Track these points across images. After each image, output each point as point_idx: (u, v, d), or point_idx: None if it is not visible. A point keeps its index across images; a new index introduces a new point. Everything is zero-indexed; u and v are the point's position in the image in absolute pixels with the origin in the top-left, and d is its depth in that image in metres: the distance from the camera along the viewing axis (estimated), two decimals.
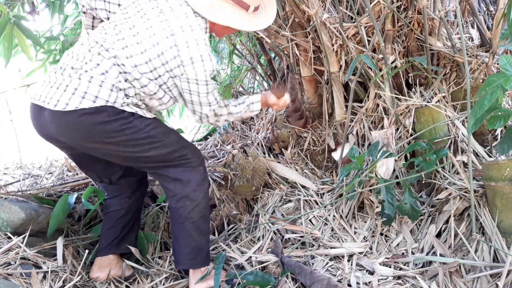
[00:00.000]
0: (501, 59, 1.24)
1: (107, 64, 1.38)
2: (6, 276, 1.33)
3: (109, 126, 1.36)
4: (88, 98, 1.33)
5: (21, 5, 2.49)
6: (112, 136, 1.38)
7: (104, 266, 1.64)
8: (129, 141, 1.42)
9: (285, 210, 2.00)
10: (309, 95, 2.31)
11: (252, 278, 1.56)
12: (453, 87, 2.03)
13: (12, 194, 1.88)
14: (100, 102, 1.34)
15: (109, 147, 1.42)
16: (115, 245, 1.69)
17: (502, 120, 1.28)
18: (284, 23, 2.19)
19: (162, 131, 1.49)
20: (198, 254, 1.60)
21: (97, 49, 1.39)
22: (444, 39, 2.06)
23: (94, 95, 1.33)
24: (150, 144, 1.45)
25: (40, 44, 2.17)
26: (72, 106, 1.32)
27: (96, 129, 1.36)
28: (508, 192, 1.46)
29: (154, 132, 1.45)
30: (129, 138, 1.41)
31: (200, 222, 1.59)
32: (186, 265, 1.61)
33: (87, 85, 1.34)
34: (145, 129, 1.43)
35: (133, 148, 1.44)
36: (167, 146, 1.50)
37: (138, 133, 1.42)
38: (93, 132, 1.37)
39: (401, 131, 1.96)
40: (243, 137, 2.64)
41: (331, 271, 1.61)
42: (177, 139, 1.55)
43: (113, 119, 1.36)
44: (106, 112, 1.35)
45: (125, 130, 1.39)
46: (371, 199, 1.89)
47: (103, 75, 1.36)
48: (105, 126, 1.36)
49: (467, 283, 1.44)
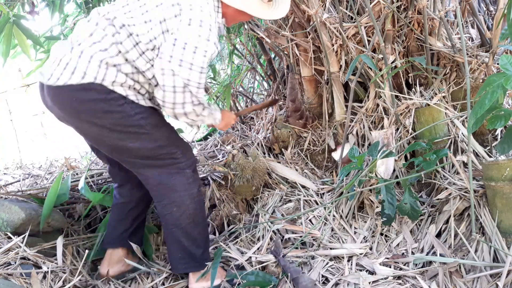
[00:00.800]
0: (501, 59, 1.24)
1: (99, 35, 1.33)
2: (6, 276, 1.33)
3: (98, 106, 1.33)
4: (77, 74, 1.30)
5: (21, 5, 2.49)
6: (99, 116, 1.35)
7: (114, 262, 1.65)
8: (115, 126, 1.36)
9: (285, 210, 2.00)
10: (309, 95, 2.31)
11: (253, 278, 1.56)
12: (453, 87, 2.03)
13: (12, 194, 1.88)
14: (88, 78, 1.30)
15: (96, 129, 1.38)
16: (125, 238, 1.68)
17: (502, 120, 1.28)
18: (284, 23, 2.19)
19: (153, 123, 1.43)
20: (191, 258, 1.57)
21: (99, 21, 1.36)
22: (444, 39, 2.06)
23: (83, 71, 1.30)
24: (136, 134, 1.39)
25: (40, 43, 2.17)
26: (62, 81, 1.30)
27: (84, 107, 1.33)
28: (508, 192, 1.46)
29: (144, 122, 1.39)
30: (116, 122, 1.36)
31: (189, 228, 1.53)
32: (180, 270, 1.60)
33: (77, 60, 1.31)
34: (134, 116, 1.37)
35: (118, 135, 1.38)
36: (154, 140, 1.42)
37: (125, 119, 1.36)
38: (81, 109, 1.34)
39: (401, 131, 1.96)
40: (243, 137, 2.63)
41: (331, 271, 1.61)
42: (168, 135, 1.48)
43: (101, 98, 1.32)
44: (95, 90, 1.31)
45: (113, 113, 1.34)
46: (371, 199, 1.89)
47: (92, 48, 1.32)
48: (94, 104, 1.32)
49: (467, 283, 1.44)
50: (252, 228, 1.94)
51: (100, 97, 1.32)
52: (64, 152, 2.77)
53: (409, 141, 1.95)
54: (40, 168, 2.81)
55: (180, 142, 1.54)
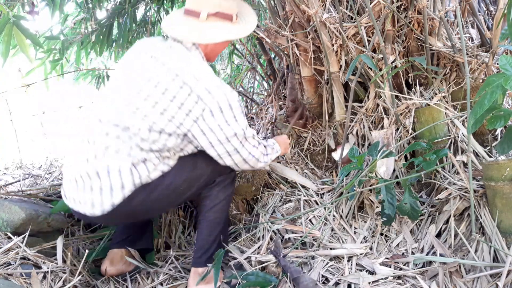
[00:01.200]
0: (501, 59, 1.24)
1: (116, 144, 1.37)
2: (6, 276, 1.33)
3: (148, 199, 1.41)
4: (116, 192, 1.35)
5: (21, 5, 2.49)
6: (150, 205, 1.44)
7: (116, 261, 1.67)
8: (164, 197, 1.46)
9: (285, 210, 2.00)
10: (309, 95, 2.30)
11: (254, 278, 1.56)
12: (453, 87, 2.03)
13: (12, 194, 1.88)
14: (128, 188, 1.36)
15: (148, 214, 1.53)
16: (133, 240, 1.73)
17: (502, 120, 1.28)
18: (284, 23, 2.18)
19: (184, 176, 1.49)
20: (204, 253, 1.62)
21: (108, 130, 1.39)
22: (444, 39, 2.06)
23: (120, 186, 1.35)
24: (184, 190, 1.50)
25: (39, 44, 2.17)
26: (107, 206, 1.35)
27: (136, 208, 1.41)
28: (508, 192, 1.46)
29: (179, 179, 1.47)
30: (163, 194, 1.45)
31: (214, 223, 1.63)
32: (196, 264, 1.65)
33: (108, 180, 1.34)
34: (174, 182, 1.45)
35: (167, 203, 1.53)
36: (195, 183, 1.53)
37: (169, 188, 1.45)
38: (133, 211, 1.42)
39: (401, 131, 1.96)
40: None
41: (331, 271, 1.61)
42: (205, 165, 1.53)
43: (147, 193, 1.40)
44: (139, 192, 1.38)
45: (160, 192, 1.43)
46: (371, 199, 1.89)
47: (116, 160, 1.35)
48: (143, 202, 1.41)
49: (467, 283, 1.44)
50: (252, 228, 1.94)
51: (146, 194, 1.40)
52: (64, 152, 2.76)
53: (409, 141, 1.95)
54: (40, 168, 2.81)
55: (207, 164, 1.55)
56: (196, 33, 1.43)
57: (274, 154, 1.67)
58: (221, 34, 1.45)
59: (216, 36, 1.44)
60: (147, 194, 1.41)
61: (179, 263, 1.82)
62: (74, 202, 1.42)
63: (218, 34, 1.45)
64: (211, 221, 1.62)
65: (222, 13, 1.45)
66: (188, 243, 2.01)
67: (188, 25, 1.44)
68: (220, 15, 1.45)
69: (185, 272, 1.76)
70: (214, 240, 1.63)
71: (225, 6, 1.46)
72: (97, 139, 1.39)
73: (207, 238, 1.62)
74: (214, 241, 1.63)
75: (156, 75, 1.38)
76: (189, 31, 1.44)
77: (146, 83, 1.37)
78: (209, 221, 1.62)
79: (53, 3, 2.61)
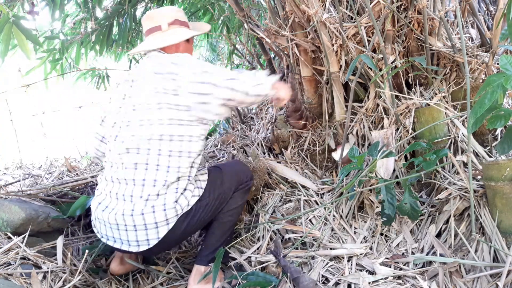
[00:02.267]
0: (501, 59, 1.24)
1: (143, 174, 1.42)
2: (6, 276, 1.33)
3: (192, 222, 1.50)
4: (161, 225, 1.40)
5: (21, 5, 2.49)
6: (192, 226, 1.52)
7: (125, 261, 1.70)
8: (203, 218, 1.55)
9: (285, 210, 2.00)
10: (309, 95, 2.30)
11: (254, 278, 1.56)
12: (453, 87, 2.03)
13: (12, 194, 1.88)
14: (172, 220, 1.42)
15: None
16: None
17: (502, 120, 1.28)
18: (284, 23, 2.18)
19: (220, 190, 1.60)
20: (210, 253, 1.65)
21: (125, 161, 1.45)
22: (444, 39, 2.06)
23: (164, 219, 1.41)
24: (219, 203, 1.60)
25: (39, 43, 2.17)
26: (153, 241, 1.41)
27: (181, 236, 1.51)
28: (508, 192, 1.46)
29: (215, 195, 1.57)
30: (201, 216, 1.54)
31: (227, 225, 1.67)
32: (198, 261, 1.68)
33: (151, 211, 1.39)
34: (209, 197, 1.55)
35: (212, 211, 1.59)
36: (228, 194, 1.63)
37: (207, 210, 1.55)
38: (179, 239, 1.53)
39: (401, 131, 1.96)
40: (243, 137, 2.63)
41: (331, 271, 1.61)
42: (230, 177, 1.65)
43: (191, 217, 1.49)
44: (181, 221, 1.46)
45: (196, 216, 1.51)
46: (371, 199, 1.89)
47: (158, 196, 1.41)
48: (186, 230, 1.49)
49: (467, 283, 1.44)
50: (252, 228, 1.94)
51: (188, 220, 1.49)
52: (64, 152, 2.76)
53: (409, 141, 1.95)
54: (40, 168, 2.81)
55: (231, 176, 1.67)
56: (160, 40, 1.61)
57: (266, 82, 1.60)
58: (185, 33, 1.65)
59: (181, 35, 1.64)
60: (189, 221, 1.49)
61: (179, 263, 1.82)
62: (110, 239, 1.47)
63: (182, 33, 1.64)
64: (224, 223, 1.65)
65: (179, 20, 1.67)
66: (189, 243, 2.01)
67: (153, 38, 1.63)
68: (178, 22, 1.66)
69: (186, 273, 1.76)
70: (222, 242, 1.67)
71: (180, 16, 1.68)
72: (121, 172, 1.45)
73: (219, 239, 1.65)
74: (222, 242, 1.67)
75: (142, 85, 1.50)
76: (155, 40, 1.62)
77: (137, 99, 1.48)
78: (222, 223, 1.65)
79: (53, 3, 2.61)
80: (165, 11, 1.66)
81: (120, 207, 1.40)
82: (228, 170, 1.69)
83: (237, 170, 1.71)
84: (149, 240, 1.40)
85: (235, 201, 1.67)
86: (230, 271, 1.69)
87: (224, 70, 1.53)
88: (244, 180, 1.71)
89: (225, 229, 1.67)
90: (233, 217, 1.68)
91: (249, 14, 2.30)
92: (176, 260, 1.83)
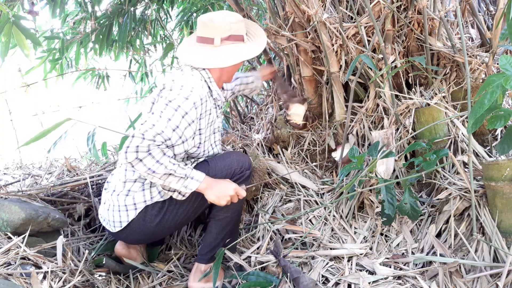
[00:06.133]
0: (501, 59, 1.24)
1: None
2: (6, 276, 1.33)
3: (165, 219, 1.54)
4: (130, 208, 1.51)
5: (21, 4, 2.48)
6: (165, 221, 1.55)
7: (130, 247, 1.73)
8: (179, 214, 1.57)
9: (285, 210, 2.00)
10: (309, 95, 2.30)
11: (255, 278, 1.56)
12: (453, 87, 2.03)
13: (12, 194, 1.88)
14: (139, 206, 1.51)
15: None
16: None
17: (502, 120, 1.28)
18: (284, 23, 2.18)
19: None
20: (209, 251, 1.65)
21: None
22: (444, 39, 2.06)
23: (132, 203, 1.51)
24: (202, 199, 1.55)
25: (38, 43, 2.17)
26: (124, 223, 1.53)
27: (157, 229, 1.55)
28: (508, 192, 1.46)
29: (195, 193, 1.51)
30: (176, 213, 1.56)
31: (224, 222, 1.64)
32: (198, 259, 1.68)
33: (123, 198, 1.51)
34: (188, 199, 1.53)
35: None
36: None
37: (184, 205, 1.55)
38: (156, 232, 1.58)
39: (401, 131, 1.96)
40: (243, 137, 2.63)
41: (331, 271, 1.61)
42: (218, 171, 1.58)
43: (163, 213, 1.53)
44: (153, 214, 1.52)
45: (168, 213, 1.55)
46: (371, 199, 1.89)
47: (135, 182, 1.52)
48: (162, 224, 1.53)
49: (467, 283, 1.44)
50: (252, 228, 1.94)
51: (162, 211, 1.58)
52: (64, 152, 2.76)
53: (409, 141, 1.95)
54: (40, 168, 2.81)
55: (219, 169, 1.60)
56: (212, 58, 1.52)
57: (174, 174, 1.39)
58: (237, 55, 1.54)
59: (233, 58, 1.53)
60: (163, 215, 1.52)
61: (180, 262, 1.82)
62: (100, 218, 1.64)
63: (234, 56, 1.53)
64: (220, 220, 1.62)
65: (234, 35, 1.53)
66: (190, 242, 2.01)
67: (203, 52, 1.53)
68: (233, 38, 1.53)
69: (186, 272, 1.76)
70: (221, 239, 1.64)
71: (235, 29, 1.54)
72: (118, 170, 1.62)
73: (216, 236, 1.64)
74: (221, 240, 1.64)
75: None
76: (205, 57, 1.52)
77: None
78: (218, 220, 1.62)
79: (53, 2, 2.61)
80: (220, 22, 1.51)
81: (111, 188, 1.58)
82: (216, 163, 1.58)
83: (228, 163, 1.60)
84: (121, 222, 1.52)
85: None
86: (230, 271, 1.69)
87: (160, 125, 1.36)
88: (237, 171, 1.60)
89: (222, 226, 1.62)
90: (230, 213, 1.61)
91: (249, 14, 2.30)
92: (176, 259, 1.83)
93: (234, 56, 1.53)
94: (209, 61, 1.52)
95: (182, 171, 1.40)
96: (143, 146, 1.31)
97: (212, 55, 1.52)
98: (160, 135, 1.34)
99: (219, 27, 1.51)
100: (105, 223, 1.60)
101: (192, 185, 1.42)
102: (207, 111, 1.54)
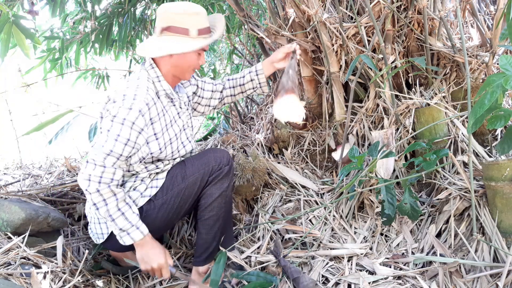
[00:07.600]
0: (501, 59, 1.24)
1: None
2: (6, 276, 1.33)
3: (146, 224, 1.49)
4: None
5: (21, 4, 2.48)
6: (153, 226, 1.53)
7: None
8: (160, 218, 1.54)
9: (285, 210, 2.00)
10: (309, 95, 2.30)
11: (255, 278, 1.56)
12: (453, 87, 2.03)
13: (12, 194, 1.88)
14: None
15: None
16: None
17: (502, 120, 1.28)
18: (284, 23, 2.18)
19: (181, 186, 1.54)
20: (203, 252, 1.64)
21: None
22: (444, 39, 2.06)
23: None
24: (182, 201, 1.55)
25: (38, 43, 2.17)
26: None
27: None
28: (508, 192, 1.46)
29: (173, 192, 1.53)
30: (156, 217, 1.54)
31: (210, 221, 1.61)
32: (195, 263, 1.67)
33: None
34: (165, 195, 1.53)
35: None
36: (193, 189, 1.56)
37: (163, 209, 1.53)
38: None
39: (401, 131, 1.96)
40: (243, 137, 2.63)
41: (331, 271, 1.61)
42: (195, 171, 1.55)
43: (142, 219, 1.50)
44: None
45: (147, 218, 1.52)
46: (371, 199, 1.89)
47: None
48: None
49: (467, 283, 1.44)
50: (252, 228, 1.94)
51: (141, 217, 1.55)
52: (64, 152, 2.76)
53: (409, 141, 1.95)
54: (40, 168, 2.81)
55: (196, 169, 1.56)
56: (146, 47, 1.46)
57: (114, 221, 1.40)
58: (167, 47, 1.42)
59: (161, 50, 1.42)
60: (143, 221, 1.47)
61: (180, 262, 1.82)
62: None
63: (165, 47, 1.42)
64: (206, 220, 1.60)
65: (175, 27, 1.42)
66: (190, 242, 2.01)
67: (148, 41, 1.48)
68: (173, 29, 1.42)
69: (186, 272, 1.76)
70: (213, 238, 1.62)
71: (178, 20, 1.42)
72: None
73: (205, 237, 1.62)
74: (213, 239, 1.62)
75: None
76: (145, 45, 1.47)
77: None
78: (203, 221, 1.60)
79: (53, 2, 2.61)
80: (162, 11, 1.44)
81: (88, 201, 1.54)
82: (193, 162, 1.56)
83: (205, 161, 1.55)
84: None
85: (210, 194, 1.56)
86: (230, 270, 1.69)
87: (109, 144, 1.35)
88: (215, 168, 1.55)
89: (210, 225, 1.59)
90: (214, 211, 1.57)
91: (249, 14, 2.30)
92: (176, 259, 1.83)
93: (164, 47, 1.42)
94: (142, 49, 1.46)
95: (123, 223, 1.40)
96: (95, 176, 1.34)
97: (151, 45, 1.45)
98: (110, 156, 1.35)
99: (159, 16, 1.44)
100: (91, 235, 1.60)
101: (127, 240, 1.42)
102: (160, 113, 1.48)
